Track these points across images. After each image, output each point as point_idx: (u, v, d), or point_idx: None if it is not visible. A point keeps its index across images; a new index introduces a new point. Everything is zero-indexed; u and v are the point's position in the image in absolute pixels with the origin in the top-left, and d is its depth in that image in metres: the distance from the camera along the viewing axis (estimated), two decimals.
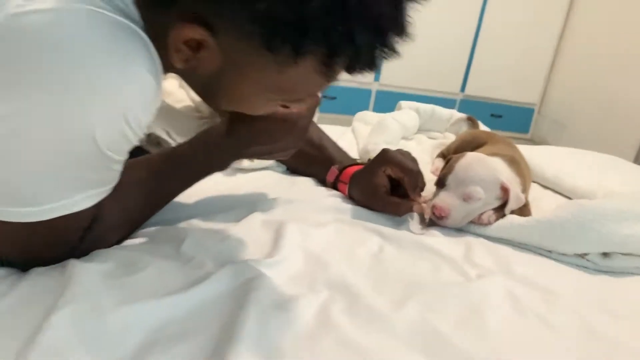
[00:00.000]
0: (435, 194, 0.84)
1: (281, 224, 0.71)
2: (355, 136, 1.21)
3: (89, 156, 0.48)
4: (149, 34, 0.49)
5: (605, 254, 0.78)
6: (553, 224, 0.77)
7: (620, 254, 0.77)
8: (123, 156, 0.52)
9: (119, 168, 0.53)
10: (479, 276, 0.68)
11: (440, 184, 0.84)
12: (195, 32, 0.47)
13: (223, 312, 0.52)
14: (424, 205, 0.82)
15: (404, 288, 0.62)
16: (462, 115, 1.32)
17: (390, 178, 0.83)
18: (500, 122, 3.25)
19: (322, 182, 0.92)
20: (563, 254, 0.78)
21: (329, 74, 0.50)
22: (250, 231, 0.68)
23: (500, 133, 1.09)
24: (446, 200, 0.81)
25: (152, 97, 0.50)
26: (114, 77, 0.45)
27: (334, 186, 0.90)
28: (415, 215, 0.84)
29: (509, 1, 3.02)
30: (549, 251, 0.79)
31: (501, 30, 3.05)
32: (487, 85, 3.14)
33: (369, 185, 0.83)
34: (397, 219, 0.82)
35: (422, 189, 0.83)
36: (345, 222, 0.78)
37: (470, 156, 0.84)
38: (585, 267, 0.77)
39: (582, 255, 0.78)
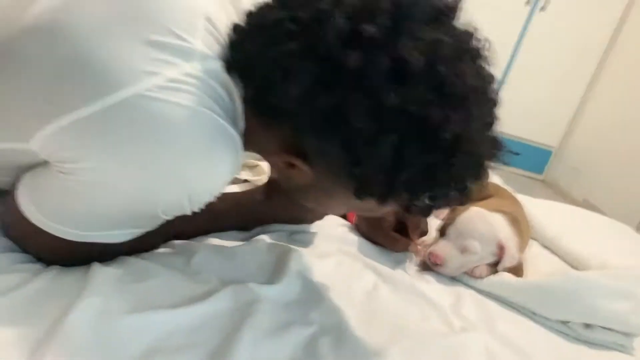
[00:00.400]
0: (435, 241, 0.88)
1: (286, 250, 0.74)
2: None
3: (146, 214, 0.55)
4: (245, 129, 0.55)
5: (587, 325, 0.81)
6: (541, 288, 0.81)
7: (602, 327, 0.80)
8: (171, 217, 0.57)
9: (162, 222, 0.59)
10: (463, 329, 0.72)
11: (441, 232, 0.88)
12: (292, 159, 0.53)
13: (222, 329, 0.56)
14: (420, 247, 0.85)
15: (390, 332, 0.65)
16: None
17: (396, 217, 0.87)
18: (516, 159, 3.24)
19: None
20: (546, 318, 0.81)
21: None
22: (255, 254, 0.72)
23: (515, 170, 1.11)
24: (444, 249, 0.85)
25: (221, 187, 0.56)
26: (197, 167, 0.51)
27: (344, 215, 0.93)
28: (413, 257, 0.88)
29: (547, 40, 3.03)
30: (533, 313, 0.82)
31: (533, 67, 3.06)
32: (509, 121, 3.14)
33: (375, 218, 0.86)
34: (396, 258, 0.86)
35: (423, 234, 0.86)
36: (347, 255, 0.81)
37: (473, 211, 0.88)
38: (566, 334, 0.80)
39: (565, 322, 0.81)
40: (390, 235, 0.86)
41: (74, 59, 0.47)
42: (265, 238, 0.76)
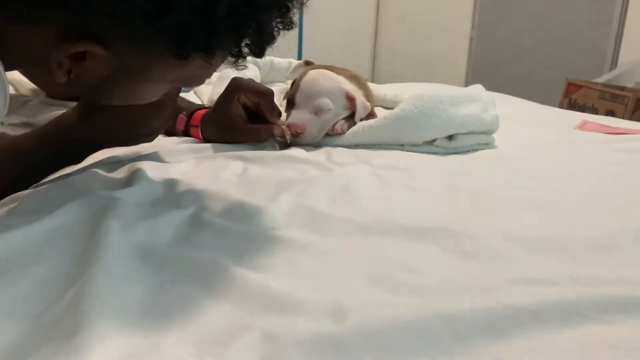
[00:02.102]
0: (288, 115, 0.86)
1: (132, 165, 0.68)
2: (198, 96, 1.20)
3: None
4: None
5: (450, 138, 0.85)
6: (399, 117, 0.83)
7: (463, 134, 0.86)
8: None
9: None
10: (343, 166, 0.72)
11: (290, 103, 0.85)
12: (82, 46, 0.44)
13: (82, 233, 0.48)
14: (284, 127, 0.83)
15: (274, 188, 0.63)
16: (300, 61, 1.36)
17: (245, 107, 0.83)
18: None
19: (171, 134, 0.89)
20: (414, 145, 0.84)
21: (237, 59, 0.50)
22: (96, 178, 0.63)
23: None
24: (299, 116, 0.83)
25: None
26: None
27: (186, 133, 0.87)
28: (277, 145, 0.85)
29: None
30: (402, 145, 0.85)
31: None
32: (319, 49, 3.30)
33: (224, 118, 0.82)
34: (260, 145, 0.82)
35: (279, 114, 0.84)
36: (204, 158, 0.76)
37: (313, 72, 0.87)
38: (436, 153, 0.84)
39: (431, 142, 0.85)
40: (249, 128, 0.82)
41: None
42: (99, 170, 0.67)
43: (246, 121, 0.83)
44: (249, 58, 0.51)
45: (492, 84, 1.33)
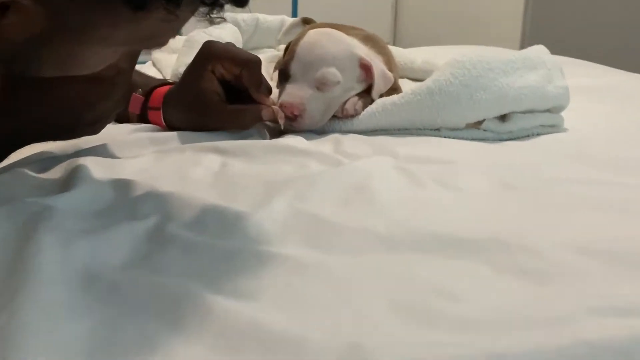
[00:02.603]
0: (281, 91, 0.86)
1: (71, 162, 0.68)
2: (158, 68, 1.21)
3: None
4: None
5: (502, 118, 0.86)
6: (432, 91, 0.83)
7: (519, 113, 0.86)
8: None
9: None
10: (357, 159, 0.72)
11: (284, 75, 0.86)
12: None
13: (6, 248, 0.48)
14: (275, 108, 0.83)
15: (263, 190, 0.63)
16: (295, 19, 1.37)
17: (222, 81, 0.83)
18: None
19: (123, 121, 0.90)
20: (454, 129, 0.85)
21: (212, 8, 0.51)
22: (25, 179, 0.64)
23: None
24: (296, 93, 0.83)
25: None
26: None
27: (142, 118, 0.88)
28: (266, 133, 0.86)
29: None
30: (437, 129, 0.85)
31: None
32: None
33: (194, 96, 0.82)
34: (243, 133, 0.83)
35: (270, 91, 0.84)
36: (168, 151, 0.77)
37: (313, 33, 0.87)
38: (483, 139, 0.85)
39: (477, 125, 0.85)
40: (227, 110, 0.82)
41: None
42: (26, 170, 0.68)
43: (224, 100, 0.83)
44: (228, 13, 0.51)
45: (559, 46, 1.34)
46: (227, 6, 0.51)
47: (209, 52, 0.83)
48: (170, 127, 0.85)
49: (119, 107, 0.71)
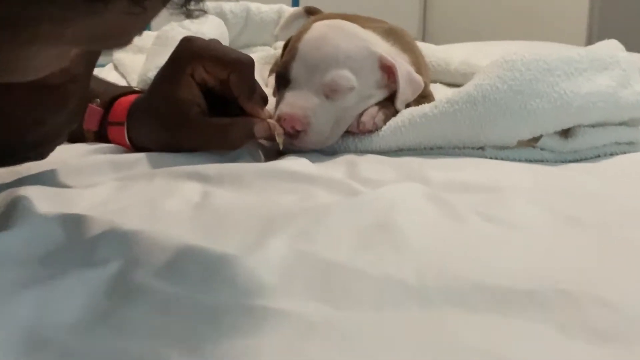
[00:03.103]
0: (279, 100, 0.87)
1: (10, 193, 0.69)
2: (121, 72, 1.22)
3: None
4: None
5: (565, 134, 0.86)
6: (474, 99, 0.84)
7: (587, 127, 0.86)
8: None
9: None
10: (378, 186, 0.72)
11: (283, 80, 0.87)
12: None
13: None
14: (272, 122, 0.83)
15: (257, 227, 0.63)
16: (297, 8, 1.38)
17: (204, 88, 0.84)
18: None
19: (76, 140, 0.90)
20: (502, 148, 0.85)
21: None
22: None
23: None
24: (298, 102, 0.84)
25: None
26: None
27: (101, 136, 0.89)
28: (260, 154, 0.86)
29: None
30: (480, 148, 0.86)
31: None
32: None
33: (168, 107, 0.83)
34: (231, 154, 0.83)
35: (265, 100, 0.85)
36: (134, 178, 0.77)
37: (321, 26, 0.88)
38: (540, 161, 0.85)
39: (532, 142, 0.85)
40: (211, 125, 0.83)
41: None
42: None
43: (206, 112, 0.84)
44: (211, 2, 0.52)
45: (635, 41, 1.34)
46: None
47: (188, 52, 0.83)
48: (136, 147, 0.86)
49: (71, 124, 0.71)
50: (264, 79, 1.18)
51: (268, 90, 1.07)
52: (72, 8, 0.49)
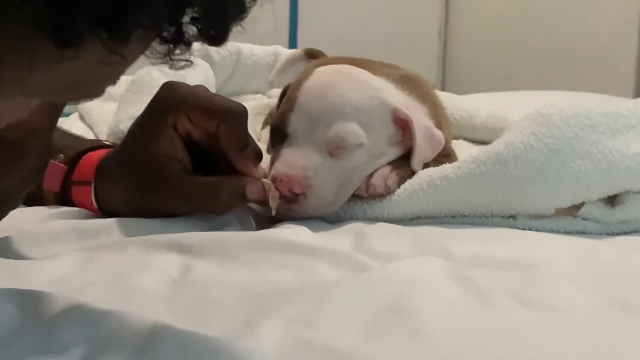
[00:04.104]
0: (275, 157, 0.87)
1: None
2: (88, 123, 1.23)
3: None
4: None
5: (611, 201, 0.86)
6: (504, 159, 0.84)
7: (637, 193, 0.86)
8: None
9: None
10: (391, 260, 0.72)
11: (279, 134, 0.87)
12: None
13: None
14: (266, 182, 0.84)
15: (246, 308, 0.63)
16: (296, 51, 1.40)
17: (187, 140, 0.84)
18: None
19: (34, 202, 0.90)
20: (537, 217, 0.85)
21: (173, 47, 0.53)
22: None
23: None
24: (297, 160, 0.84)
25: None
26: None
27: (64, 198, 0.89)
28: (250, 219, 0.86)
29: None
30: (511, 217, 0.86)
31: None
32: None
33: (145, 163, 0.84)
34: (217, 220, 0.84)
35: (259, 156, 0.85)
36: (102, 248, 0.77)
37: (323, 71, 0.89)
38: (583, 233, 0.85)
39: (572, 211, 0.85)
40: (197, 185, 0.83)
41: None
42: None
43: (189, 171, 0.84)
44: (196, 44, 0.52)
45: None
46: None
47: (170, 99, 0.84)
48: (105, 211, 0.86)
49: (29, 184, 0.71)
50: (256, 132, 1.19)
51: (262, 145, 1.08)
52: (39, 54, 0.49)
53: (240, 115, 0.83)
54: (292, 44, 3.34)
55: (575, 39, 3.32)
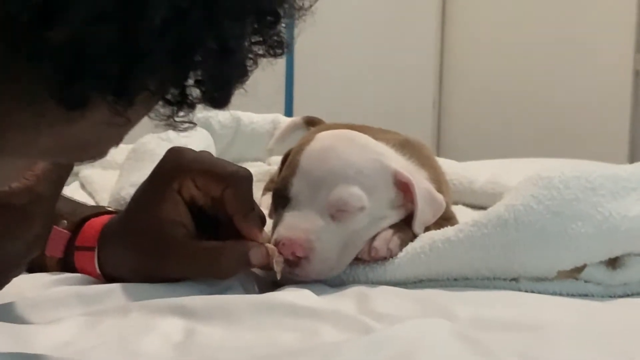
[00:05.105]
0: (277, 222, 0.87)
1: None
2: (89, 191, 1.23)
3: None
4: None
5: (613, 263, 0.86)
6: (506, 222, 0.84)
7: (638, 255, 0.86)
8: None
9: None
10: (394, 323, 0.72)
11: (281, 199, 0.88)
12: None
13: None
14: (270, 247, 0.84)
15: None
16: (295, 119, 1.41)
17: (191, 205, 0.85)
18: None
19: (36, 269, 0.89)
20: (539, 279, 0.85)
21: (177, 109, 0.53)
22: None
23: None
24: (299, 224, 0.84)
25: None
26: None
27: (66, 264, 0.89)
28: (252, 283, 0.86)
29: None
30: (513, 279, 0.86)
31: None
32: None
33: (148, 229, 0.84)
34: (220, 284, 0.84)
35: (263, 221, 0.86)
36: (105, 313, 0.76)
37: (325, 136, 0.90)
38: (585, 295, 0.85)
39: (574, 274, 0.85)
40: (200, 249, 0.83)
41: None
42: None
43: (194, 235, 0.84)
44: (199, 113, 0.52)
45: None
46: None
47: (175, 164, 0.85)
48: (108, 276, 0.86)
49: (33, 251, 0.71)
50: (257, 198, 1.19)
51: (263, 210, 1.08)
52: (46, 115, 0.49)
53: (246, 179, 0.83)
54: (288, 111, 3.37)
55: (569, 107, 3.35)
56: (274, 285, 0.87)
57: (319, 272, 0.85)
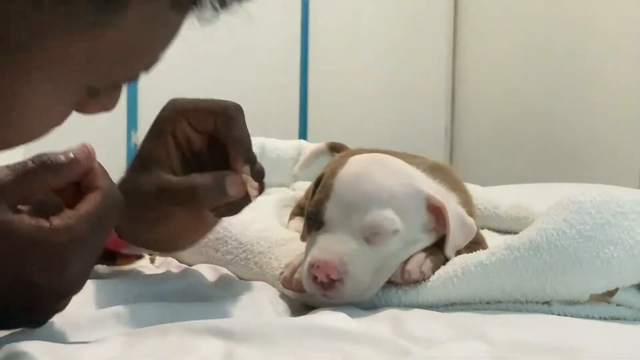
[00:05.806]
0: (311, 244, 0.88)
1: (5, 350, 0.68)
2: None
3: None
4: None
5: None
6: (538, 246, 0.84)
7: None
8: None
9: None
10: (430, 346, 0.72)
11: (315, 223, 0.88)
12: None
13: None
14: (246, 176, 0.84)
15: None
16: (319, 145, 1.42)
17: (188, 148, 0.87)
18: None
19: None
20: (572, 303, 0.85)
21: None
22: None
23: None
24: (333, 247, 0.85)
25: None
26: None
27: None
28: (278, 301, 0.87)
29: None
30: (545, 303, 0.86)
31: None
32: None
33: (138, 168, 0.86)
34: (253, 307, 0.85)
35: (252, 161, 0.86)
36: (144, 333, 0.76)
37: (358, 160, 0.90)
38: (617, 319, 0.85)
39: (606, 297, 0.85)
40: (182, 181, 0.85)
41: None
42: None
43: (179, 171, 0.86)
44: None
45: None
46: None
47: (171, 109, 0.87)
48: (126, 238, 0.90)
49: (72, 291, 0.73)
50: (284, 224, 1.19)
51: (290, 233, 1.08)
52: (79, 20, 0.51)
53: (235, 107, 0.85)
54: (302, 134, 3.38)
55: (581, 134, 3.34)
56: (305, 308, 0.87)
57: (353, 295, 0.85)
